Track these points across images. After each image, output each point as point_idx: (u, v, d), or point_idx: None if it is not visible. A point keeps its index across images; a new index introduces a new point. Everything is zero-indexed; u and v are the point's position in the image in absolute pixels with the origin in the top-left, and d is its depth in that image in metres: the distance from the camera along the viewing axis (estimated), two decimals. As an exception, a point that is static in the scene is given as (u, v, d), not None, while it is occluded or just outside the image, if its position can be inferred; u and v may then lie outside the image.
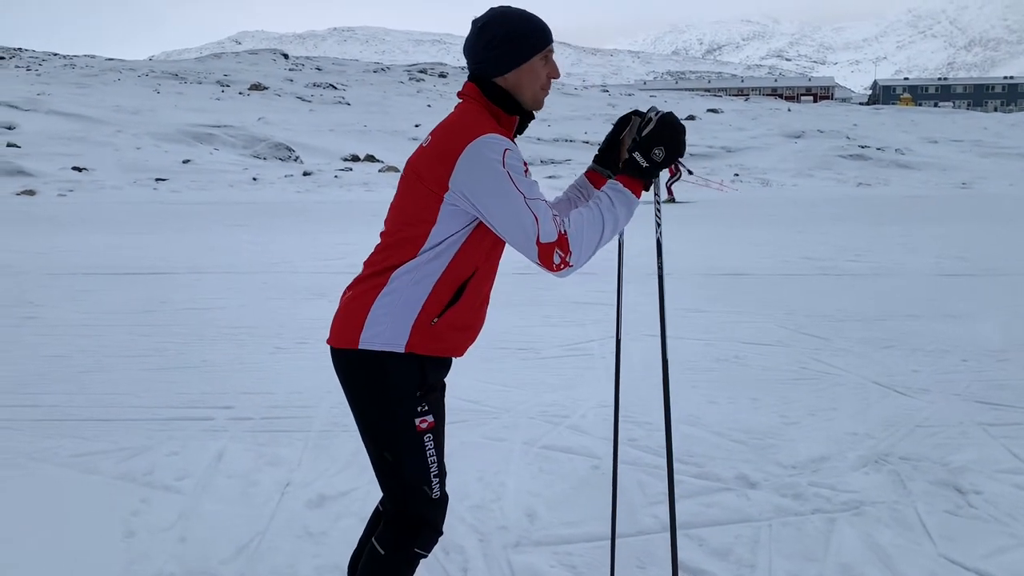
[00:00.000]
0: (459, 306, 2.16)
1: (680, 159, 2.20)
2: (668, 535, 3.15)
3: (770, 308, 7.47)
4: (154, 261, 10.78)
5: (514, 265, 3.47)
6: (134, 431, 4.26)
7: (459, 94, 2.24)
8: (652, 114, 2.22)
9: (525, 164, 2.07)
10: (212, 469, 3.77)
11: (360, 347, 2.12)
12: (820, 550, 3.05)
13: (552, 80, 2.23)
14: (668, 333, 2.50)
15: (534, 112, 2.25)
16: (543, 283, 8.50)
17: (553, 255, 2.03)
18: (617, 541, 3.14)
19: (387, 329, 2.11)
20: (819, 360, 5.66)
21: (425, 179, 2.10)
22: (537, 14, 2.20)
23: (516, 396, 4.84)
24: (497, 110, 2.17)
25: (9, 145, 28.85)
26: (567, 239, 2.04)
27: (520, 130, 2.25)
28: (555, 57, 2.21)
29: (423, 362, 2.15)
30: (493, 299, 2.30)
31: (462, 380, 5.19)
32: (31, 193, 23.21)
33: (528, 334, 6.41)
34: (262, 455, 3.92)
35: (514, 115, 2.20)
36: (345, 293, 2.24)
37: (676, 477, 3.66)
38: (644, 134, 2.18)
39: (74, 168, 27.19)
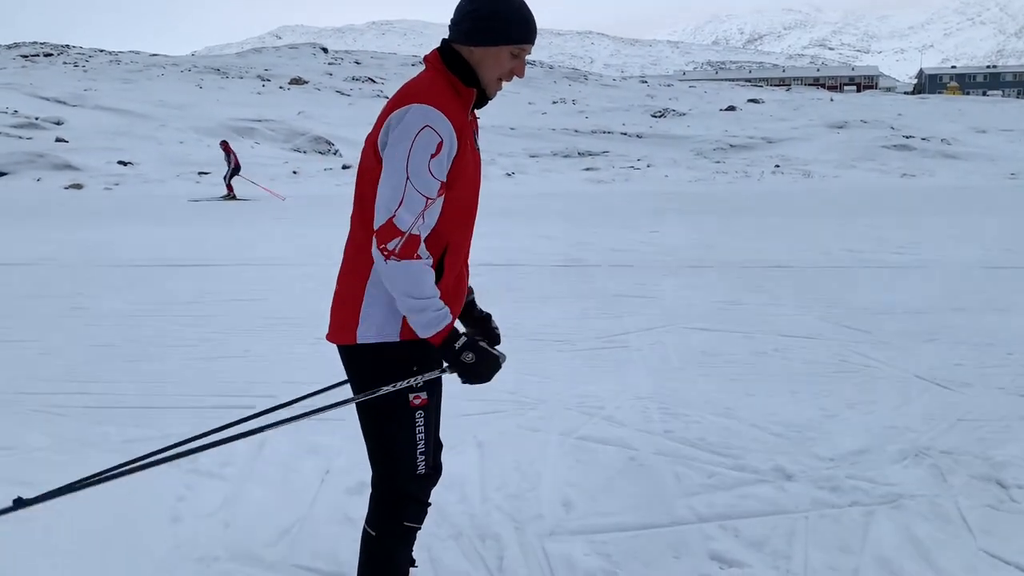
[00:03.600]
0: (441, 284, 2.18)
1: (455, 374, 2.19)
2: (704, 526, 3.17)
3: (811, 300, 7.39)
4: (197, 253, 10.97)
5: (553, 258, 3.48)
6: (179, 419, 4.37)
7: (424, 59, 2.23)
8: (502, 355, 2.26)
9: (439, 145, 2.02)
10: (254, 457, 3.85)
11: (358, 342, 2.18)
12: (857, 542, 3.03)
13: (515, 77, 2.19)
14: (706, 326, 2.50)
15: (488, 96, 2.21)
16: (582, 276, 8.50)
17: (392, 239, 2.01)
18: (652, 531, 3.16)
19: (380, 321, 2.16)
20: (860, 353, 5.59)
21: (372, 143, 2.14)
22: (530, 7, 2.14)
23: (552, 387, 4.86)
24: (455, 79, 2.14)
25: (58, 140, 29.46)
26: (416, 245, 2.03)
27: (476, 106, 2.22)
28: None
29: (420, 343, 2.17)
30: (531, 292, 2.34)
31: (500, 371, 5.23)
32: (78, 187, 23.67)
33: (565, 326, 6.42)
34: (303, 443, 3.99)
35: (471, 87, 2.16)
36: (336, 285, 2.28)
37: (712, 469, 3.68)
38: (484, 343, 2.19)
39: (120, 162, 27.69)
